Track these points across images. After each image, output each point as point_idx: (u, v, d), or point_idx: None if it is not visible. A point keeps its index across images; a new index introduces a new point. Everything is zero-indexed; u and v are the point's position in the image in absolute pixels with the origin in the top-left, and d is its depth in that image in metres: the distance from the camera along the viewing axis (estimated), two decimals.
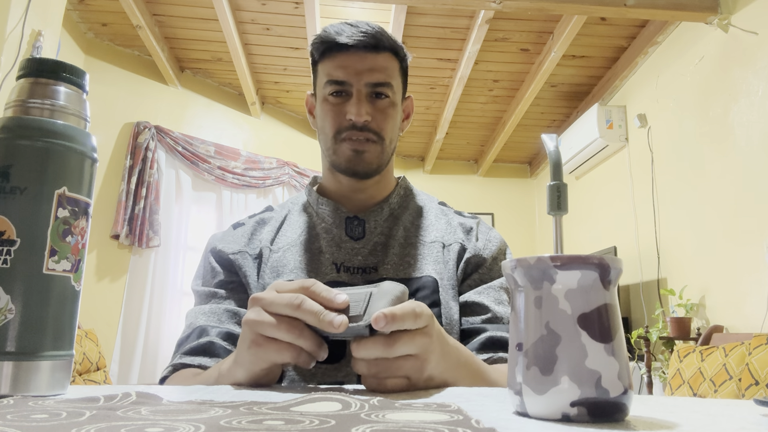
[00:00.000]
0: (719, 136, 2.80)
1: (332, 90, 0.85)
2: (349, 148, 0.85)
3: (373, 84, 0.84)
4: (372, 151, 0.85)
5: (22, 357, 0.42)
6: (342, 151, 0.85)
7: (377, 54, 0.85)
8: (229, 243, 0.88)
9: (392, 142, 0.89)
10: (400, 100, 0.90)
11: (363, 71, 0.84)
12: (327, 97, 0.86)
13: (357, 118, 0.83)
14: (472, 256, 0.87)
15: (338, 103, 0.85)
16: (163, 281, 3.68)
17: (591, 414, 0.34)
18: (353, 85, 0.84)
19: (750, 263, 2.57)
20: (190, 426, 0.28)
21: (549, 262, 0.36)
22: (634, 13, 2.89)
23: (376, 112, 0.85)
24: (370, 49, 0.84)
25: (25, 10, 2.11)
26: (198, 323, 0.79)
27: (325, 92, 0.86)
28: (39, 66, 0.47)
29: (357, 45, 0.84)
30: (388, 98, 0.86)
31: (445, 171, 5.40)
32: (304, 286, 0.53)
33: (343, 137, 0.85)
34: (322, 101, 0.87)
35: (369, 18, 3.36)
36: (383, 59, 0.85)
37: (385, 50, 0.86)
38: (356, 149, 0.85)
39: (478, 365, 0.66)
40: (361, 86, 0.84)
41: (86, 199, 0.47)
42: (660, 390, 2.99)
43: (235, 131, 4.30)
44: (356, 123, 0.83)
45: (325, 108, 0.87)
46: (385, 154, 0.88)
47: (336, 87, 0.85)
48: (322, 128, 0.89)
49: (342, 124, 0.85)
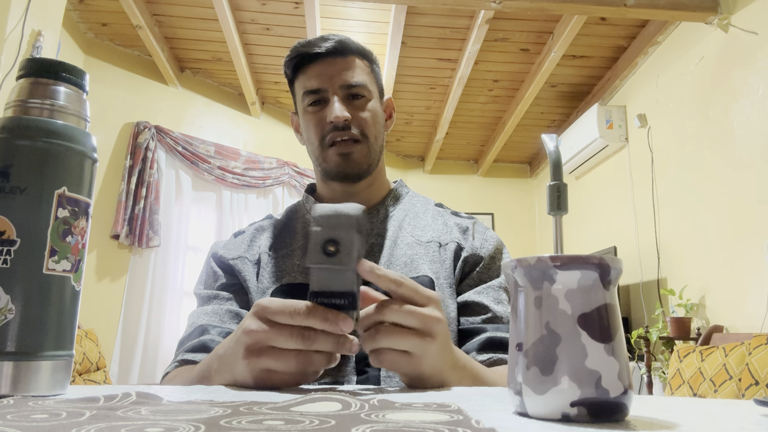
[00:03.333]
0: (719, 136, 2.80)
1: (310, 100, 0.88)
2: (336, 153, 0.87)
3: (348, 85, 0.87)
4: (359, 151, 0.87)
5: (22, 357, 0.42)
6: (330, 157, 0.88)
7: (345, 58, 0.89)
8: (230, 249, 0.91)
9: (377, 140, 0.91)
10: (378, 99, 0.93)
11: (335, 75, 0.87)
12: (306, 108, 0.89)
13: (336, 118, 0.85)
14: (469, 255, 0.87)
15: (318, 111, 0.88)
16: (163, 281, 3.68)
17: (591, 414, 0.34)
18: (328, 90, 0.87)
19: (750, 263, 2.57)
20: (190, 426, 0.28)
21: (549, 262, 0.36)
22: (634, 13, 2.89)
23: (355, 111, 0.88)
24: (338, 55, 0.88)
25: (25, 10, 2.11)
26: (199, 322, 0.80)
27: (305, 104, 0.89)
28: (39, 66, 0.47)
29: (326, 53, 0.87)
30: (364, 97, 0.89)
31: (445, 171, 5.40)
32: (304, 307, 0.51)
33: (328, 142, 0.87)
34: (303, 114, 0.91)
35: (369, 18, 3.37)
36: (352, 61, 0.89)
37: (352, 54, 0.89)
38: (343, 152, 0.87)
39: (477, 367, 0.66)
40: (336, 89, 0.87)
41: (86, 199, 0.47)
42: (660, 390, 2.99)
43: (235, 131, 4.30)
44: (337, 123, 0.86)
45: (307, 119, 0.90)
46: (373, 153, 0.90)
47: (313, 96, 0.88)
48: (308, 139, 0.91)
49: (324, 129, 0.87)
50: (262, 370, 0.51)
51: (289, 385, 0.52)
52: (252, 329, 0.51)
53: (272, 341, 0.50)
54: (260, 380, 0.52)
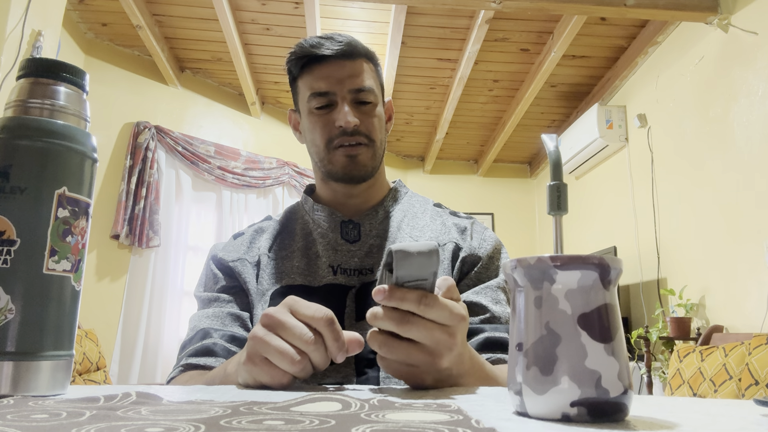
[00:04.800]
0: (719, 136, 2.80)
1: (318, 103, 0.87)
2: (343, 155, 0.87)
3: (356, 90, 0.86)
4: (365, 154, 0.87)
5: (22, 357, 0.42)
6: (336, 159, 0.87)
7: (354, 61, 0.87)
8: (230, 251, 0.90)
9: (381, 143, 0.91)
10: (381, 103, 0.93)
11: (344, 79, 0.86)
12: (313, 110, 0.88)
13: (346, 124, 0.84)
14: (467, 255, 0.87)
15: (324, 114, 0.87)
16: (163, 281, 3.68)
17: (591, 414, 0.34)
18: (337, 93, 0.86)
19: (750, 263, 2.57)
20: (190, 426, 0.28)
21: (549, 262, 0.36)
22: (634, 13, 2.89)
23: (363, 116, 0.87)
24: (347, 57, 0.87)
25: (25, 10, 2.11)
26: (201, 326, 0.80)
27: (311, 106, 0.88)
28: (39, 66, 0.47)
29: (335, 55, 0.86)
30: (371, 102, 0.88)
31: (445, 171, 5.40)
32: (327, 318, 0.53)
33: (335, 145, 0.87)
34: (308, 114, 0.89)
35: (369, 18, 3.37)
36: (360, 65, 0.88)
37: (360, 57, 0.88)
38: (350, 154, 0.86)
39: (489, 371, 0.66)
40: (345, 93, 0.86)
41: (86, 199, 0.47)
42: (660, 390, 2.99)
43: (235, 131, 4.30)
44: (346, 129, 0.85)
45: (312, 120, 0.88)
46: (377, 156, 0.90)
47: (321, 99, 0.87)
48: (312, 141, 0.90)
49: (332, 132, 0.86)
50: (253, 375, 0.54)
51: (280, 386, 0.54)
52: (258, 335, 0.54)
53: (268, 354, 0.53)
54: (252, 374, 0.54)
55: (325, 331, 0.52)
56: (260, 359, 0.53)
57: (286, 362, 0.51)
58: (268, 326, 0.53)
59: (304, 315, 0.53)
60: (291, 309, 0.54)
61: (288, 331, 0.52)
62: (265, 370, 0.52)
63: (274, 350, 0.52)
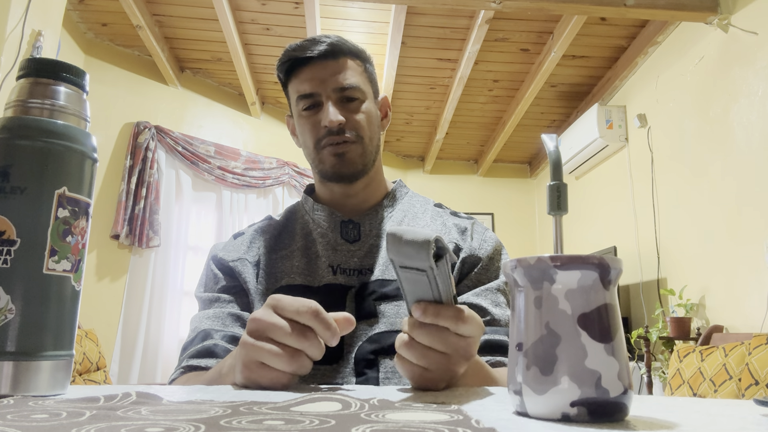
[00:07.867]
0: (719, 136, 2.80)
1: (304, 105, 0.88)
2: (330, 153, 0.87)
3: (340, 88, 0.87)
4: (353, 151, 0.87)
5: (22, 357, 0.42)
6: (325, 158, 0.88)
7: (337, 60, 0.88)
8: (230, 251, 0.90)
9: (372, 140, 0.90)
10: (372, 100, 0.92)
11: (327, 78, 0.87)
12: (301, 112, 0.89)
13: (330, 123, 0.85)
14: (467, 256, 0.87)
15: (312, 115, 0.88)
16: (163, 281, 3.68)
17: (591, 414, 0.34)
18: (321, 93, 0.87)
19: (750, 263, 2.57)
20: (190, 426, 0.28)
21: (549, 262, 0.36)
22: (634, 13, 2.89)
23: (349, 114, 0.87)
24: (330, 57, 0.88)
25: (25, 10, 2.11)
26: (202, 327, 0.80)
27: (299, 108, 0.89)
28: (39, 66, 0.47)
29: (317, 56, 0.87)
30: (358, 99, 0.89)
31: (445, 171, 5.40)
32: (312, 310, 0.53)
33: (323, 145, 0.87)
34: (298, 117, 0.91)
35: (369, 18, 3.37)
36: (344, 63, 0.89)
37: (344, 55, 0.89)
38: (337, 152, 0.87)
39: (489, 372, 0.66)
40: (329, 92, 0.87)
41: (86, 199, 0.47)
42: (660, 390, 2.99)
43: (235, 131, 4.30)
44: (331, 128, 0.86)
45: (302, 122, 0.90)
46: (368, 153, 0.89)
47: (307, 101, 0.88)
48: (304, 143, 0.91)
49: (319, 132, 0.87)
50: (252, 380, 0.54)
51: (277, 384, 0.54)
52: (248, 342, 0.54)
53: (263, 358, 0.53)
54: (251, 380, 0.54)
55: (313, 323, 0.52)
56: (256, 365, 0.53)
57: (283, 362, 0.52)
58: (256, 331, 0.54)
59: (289, 312, 0.53)
60: (275, 309, 0.54)
61: (278, 332, 0.52)
62: (263, 374, 0.53)
63: (267, 354, 0.52)
